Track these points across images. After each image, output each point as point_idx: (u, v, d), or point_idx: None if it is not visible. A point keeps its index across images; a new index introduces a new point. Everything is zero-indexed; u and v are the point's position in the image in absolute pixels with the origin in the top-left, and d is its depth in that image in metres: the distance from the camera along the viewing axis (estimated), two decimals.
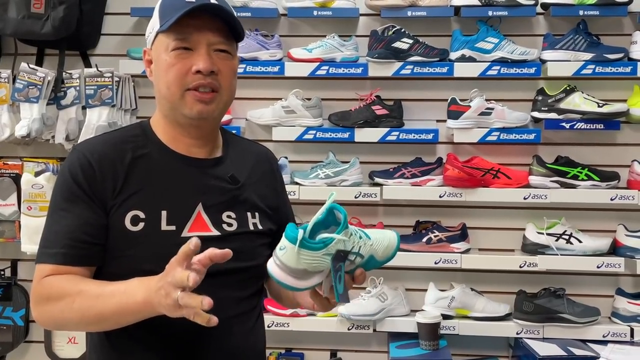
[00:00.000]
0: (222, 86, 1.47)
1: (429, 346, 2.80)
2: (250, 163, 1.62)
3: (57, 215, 1.43)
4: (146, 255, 1.41)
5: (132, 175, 1.44)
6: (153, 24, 1.49)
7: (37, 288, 1.40)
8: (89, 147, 1.47)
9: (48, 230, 1.43)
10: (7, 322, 3.12)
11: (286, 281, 1.30)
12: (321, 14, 2.98)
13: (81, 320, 1.37)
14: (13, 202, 3.02)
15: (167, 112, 1.49)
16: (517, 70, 2.92)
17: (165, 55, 1.44)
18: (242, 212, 1.53)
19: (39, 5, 2.90)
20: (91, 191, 1.42)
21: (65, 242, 1.40)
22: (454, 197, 2.91)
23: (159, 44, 1.47)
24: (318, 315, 2.94)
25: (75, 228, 1.40)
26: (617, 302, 2.93)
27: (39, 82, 2.92)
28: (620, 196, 2.86)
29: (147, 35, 1.52)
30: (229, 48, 1.48)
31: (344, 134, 2.97)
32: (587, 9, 2.88)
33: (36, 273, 1.42)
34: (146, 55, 1.53)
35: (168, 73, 1.44)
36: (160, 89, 1.47)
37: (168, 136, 1.51)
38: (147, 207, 1.43)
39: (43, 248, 1.42)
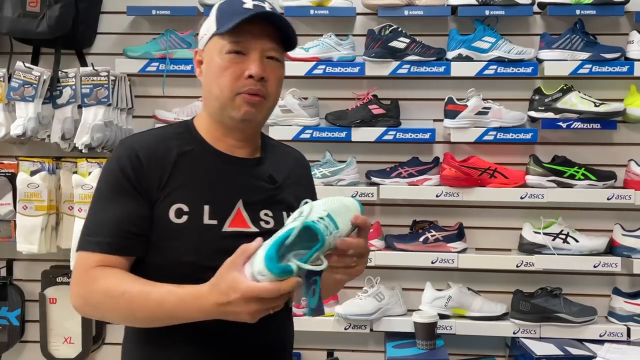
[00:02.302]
0: (269, 93, 1.52)
1: (426, 346, 2.80)
2: (288, 166, 1.68)
3: (102, 204, 1.46)
4: (188, 247, 1.45)
5: (177, 170, 1.49)
6: (208, 26, 1.54)
7: (82, 278, 1.43)
8: (137, 141, 1.52)
9: (93, 219, 1.46)
10: (3, 322, 3.11)
11: None
12: (318, 13, 2.98)
13: (124, 320, 1.46)
14: (8, 201, 3.01)
15: (214, 112, 1.53)
16: (514, 70, 2.92)
17: (218, 57, 1.49)
18: (279, 211, 1.57)
19: (34, 3, 2.89)
20: (138, 184, 1.46)
21: (112, 232, 1.43)
22: (450, 197, 2.91)
23: (213, 46, 1.51)
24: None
25: (122, 218, 1.44)
26: (613, 301, 2.93)
27: (35, 81, 2.90)
28: (617, 196, 2.86)
29: (201, 36, 1.56)
30: (279, 56, 1.55)
31: (341, 133, 2.97)
32: (584, 9, 2.88)
33: (79, 260, 1.45)
34: (197, 55, 1.58)
35: (221, 75, 1.49)
36: (211, 90, 1.51)
37: (212, 135, 1.56)
38: (191, 201, 1.47)
39: (87, 236, 1.45)
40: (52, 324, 3.07)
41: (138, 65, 3.03)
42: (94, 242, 1.43)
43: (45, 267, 3.11)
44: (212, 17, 1.54)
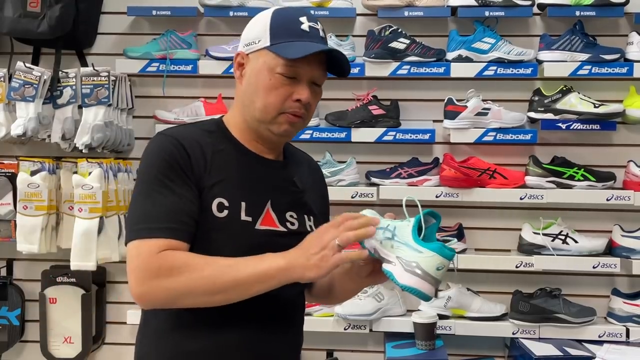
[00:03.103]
0: (308, 115, 1.59)
1: (425, 346, 2.80)
2: (307, 170, 1.75)
3: (157, 192, 1.45)
4: (227, 241, 1.49)
5: (214, 165, 1.52)
6: (258, 34, 1.55)
7: (152, 261, 1.40)
8: (178, 133, 1.54)
9: (150, 207, 1.45)
10: (3, 321, 3.11)
11: (425, 289, 1.34)
12: (318, 13, 2.97)
13: (210, 288, 1.40)
14: (9, 201, 3.01)
15: (252, 121, 1.57)
16: (514, 71, 2.92)
17: (269, 74, 1.52)
18: (302, 214, 1.62)
19: (35, 4, 2.90)
20: (190, 172, 1.48)
21: (176, 218, 1.44)
22: (450, 197, 2.91)
23: (264, 59, 1.53)
24: (314, 315, 2.94)
25: (183, 205, 1.45)
26: (612, 302, 2.93)
27: (35, 81, 2.91)
28: (616, 196, 2.86)
29: (249, 41, 1.57)
30: (323, 82, 1.61)
31: (341, 133, 2.97)
32: (584, 10, 2.88)
33: (142, 248, 1.41)
34: (239, 57, 1.59)
35: (269, 93, 1.52)
36: (253, 101, 1.55)
37: (244, 137, 1.60)
38: (230, 197, 1.51)
39: (147, 223, 1.43)
40: (52, 323, 3.08)
41: (138, 65, 3.03)
42: (161, 229, 1.42)
43: (45, 267, 3.12)
44: (265, 25, 1.55)
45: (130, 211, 1.50)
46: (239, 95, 1.60)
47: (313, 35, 1.55)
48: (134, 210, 1.48)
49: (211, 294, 1.41)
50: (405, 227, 1.39)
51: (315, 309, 2.94)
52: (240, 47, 1.60)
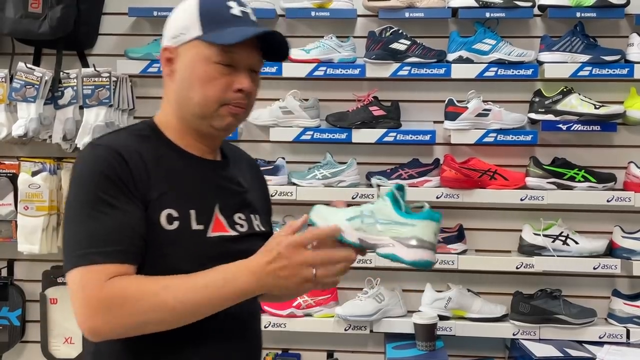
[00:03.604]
0: (250, 105, 1.52)
1: (426, 347, 2.80)
2: (246, 168, 1.68)
3: (99, 211, 1.32)
4: (181, 255, 1.39)
5: (157, 174, 1.41)
6: (186, 25, 1.45)
7: (101, 292, 1.27)
8: (115, 142, 1.42)
9: (92, 228, 1.31)
10: (4, 322, 3.11)
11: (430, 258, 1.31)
12: (319, 14, 2.98)
13: (170, 316, 1.30)
14: (10, 201, 3.01)
15: (191, 118, 1.47)
16: (514, 72, 2.92)
17: (204, 65, 1.42)
18: (249, 213, 1.55)
19: (36, 4, 2.90)
20: (133, 186, 1.36)
21: (122, 239, 1.32)
22: (451, 198, 2.91)
23: (196, 50, 1.43)
24: (315, 316, 2.95)
25: (128, 224, 1.33)
26: (613, 303, 2.93)
27: (36, 82, 2.91)
28: (617, 198, 2.86)
29: (175, 33, 1.47)
30: (260, 68, 1.54)
31: (342, 134, 2.97)
32: (584, 11, 2.88)
33: (87, 276, 1.28)
34: (167, 52, 1.47)
35: (207, 85, 1.43)
36: (190, 97, 1.44)
37: (181, 139, 1.50)
38: (179, 206, 1.41)
39: (91, 247, 1.30)
40: (52, 324, 3.08)
41: (139, 66, 3.03)
42: (104, 253, 1.30)
43: (46, 267, 3.12)
44: (193, 14, 1.45)
45: (68, 235, 1.34)
46: (170, 94, 1.49)
47: (245, 19, 1.47)
48: (74, 233, 1.33)
49: (174, 321, 1.32)
50: (383, 207, 1.34)
51: (315, 309, 2.94)
52: (165, 41, 1.48)
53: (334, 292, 2.98)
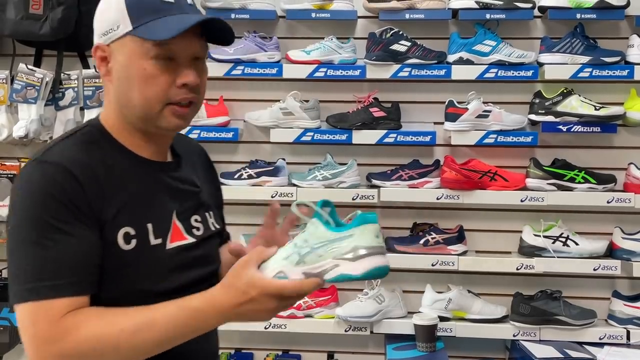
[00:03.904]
0: (200, 98, 1.39)
1: (426, 348, 2.81)
2: (197, 160, 1.58)
3: (48, 239, 1.20)
4: (141, 274, 1.30)
5: (111, 188, 1.29)
6: (115, 19, 1.31)
7: (54, 332, 1.17)
8: (63, 157, 1.27)
9: (42, 258, 1.20)
10: (4, 322, 3.11)
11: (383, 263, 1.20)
12: (319, 16, 2.99)
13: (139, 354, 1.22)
14: None
15: (134, 120, 1.35)
16: (515, 73, 2.92)
17: (142, 61, 1.30)
18: (203, 212, 1.48)
19: (37, 6, 2.90)
20: (87, 207, 1.25)
21: (76, 269, 1.22)
22: (451, 199, 2.91)
23: (130, 46, 1.30)
24: (315, 317, 2.95)
25: (81, 251, 1.23)
26: (613, 304, 2.93)
27: (37, 83, 2.92)
28: (617, 199, 2.86)
29: (106, 29, 1.33)
30: (206, 54, 1.40)
31: (342, 135, 2.97)
32: (585, 12, 2.89)
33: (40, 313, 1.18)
34: (99, 51, 1.34)
35: (147, 84, 1.30)
36: (130, 98, 1.32)
37: (130, 141, 1.38)
38: (135, 222, 1.31)
39: (42, 280, 1.19)
40: None
41: None
42: (57, 286, 1.19)
43: None
44: (120, 7, 1.31)
45: (14, 264, 1.22)
46: (110, 95, 1.37)
47: (179, 4, 1.32)
48: (20, 263, 1.21)
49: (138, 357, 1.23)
50: (314, 230, 1.21)
51: (315, 310, 2.94)
52: (96, 39, 1.35)
53: (335, 293, 2.98)
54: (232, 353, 3.11)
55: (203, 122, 2.99)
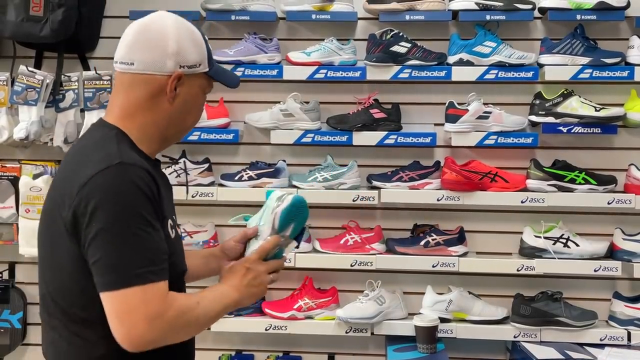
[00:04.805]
0: None
1: (427, 349, 2.80)
2: None
3: (145, 232, 1.41)
4: (180, 258, 1.59)
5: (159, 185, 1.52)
6: (199, 60, 1.58)
7: (165, 308, 1.40)
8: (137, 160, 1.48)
9: (143, 249, 1.40)
10: (5, 324, 3.12)
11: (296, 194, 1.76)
12: (319, 17, 2.99)
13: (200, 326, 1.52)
14: (11, 204, 3.02)
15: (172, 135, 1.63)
16: (515, 74, 2.93)
17: (202, 95, 1.63)
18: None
19: (37, 8, 2.91)
20: (158, 204, 1.47)
21: (163, 257, 1.44)
22: (451, 201, 2.91)
23: (199, 82, 1.60)
24: (316, 319, 2.95)
25: (163, 242, 1.46)
26: (614, 305, 2.93)
27: (38, 85, 2.92)
28: (618, 200, 2.86)
29: (191, 64, 1.56)
30: None
31: (342, 137, 2.98)
32: (585, 14, 2.89)
33: (150, 293, 1.39)
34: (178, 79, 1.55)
35: (199, 112, 1.65)
36: (185, 119, 1.61)
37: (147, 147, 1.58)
38: (170, 214, 1.57)
39: (147, 267, 1.39)
40: None
41: None
42: (156, 272, 1.41)
43: None
44: (202, 49, 1.59)
45: (114, 254, 1.38)
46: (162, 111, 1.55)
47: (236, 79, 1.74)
48: (120, 254, 1.38)
49: (199, 330, 1.54)
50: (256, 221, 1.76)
51: (316, 312, 2.94)
52: (172, 64, 1.53)
53: (335, 295, 2.98)
54: (232, 355, 3.11)
55: (203, 123, 2.99)
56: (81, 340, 1.47)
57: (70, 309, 1.47)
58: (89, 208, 1.39)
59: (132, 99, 1.55)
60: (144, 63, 1.53)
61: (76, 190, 1.41)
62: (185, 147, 3.04)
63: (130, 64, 1.54)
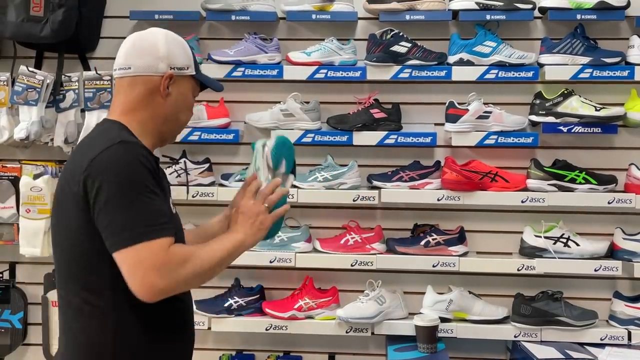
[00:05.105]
0: None
1: (427, 349, 2.81)
2: None
3: (147, 198, 1.59)
4: (180, 233, 1.77)
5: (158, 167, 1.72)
6: (187, 63, 1.79)
7: (168, 258, 1.58)
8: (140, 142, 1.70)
9: (146, 211, 1.58)
10: (5, 324, 3.12)
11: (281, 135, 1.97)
12: (320, 17, 2.99)
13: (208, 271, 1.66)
14: (12, 204, 3.02)
15: (168, 133, 1.82)
16: (515, 74, 2.93)
17: (190, 97, 1.83)
18: None
19: (38, 8, 2.91)
20: (160, 181, 1.68)
21: (167, 218, 1.63)
22: (452, 201, 2.91)
23: (189, 84, 1.81)
24: (316, 318, 2.95)
25: (166, 207, 1.67)
26: (614, 305, 2.93)
27: (38, 85, 2.92)
28: (618, 199, 2.86)
29: (180, 66, 1.77)
30: None
31: (343, 137, 2.98)
32: (585, 13, 2.89)
33: (155, 247, 1.56)
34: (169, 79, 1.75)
35: (189, 112, 1.84)
36: (179, 118, 1.81)
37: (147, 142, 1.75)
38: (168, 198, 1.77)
39: (149, 226, 1.57)
40: (54, 326, 3.07)
41: None
42: (161, 229, 1.59)
43: (48, 270, 3.12)
44: (189, 53, 1.81)
45: (122, 217, 1.56)
46: (158, 108, 1.75)
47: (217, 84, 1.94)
48: (126, 216, 1.57)
49: (208, 275, 1.67)
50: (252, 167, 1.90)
51: (316, 312, 2.94)
52: (164, 66, 1.74)
53: (336, 295, 2.98)
54: (233, 355, 3.11)
55: (204, 123, 2.99)
56: (95, 310, 1.63)
57: (86, 278, 1.63)
58: (96, 181, 1.57)
59: (131, 98, 1.75)
60: (140, 66, 1.74)
61: (85, 166, 1.58)
62: (185, 147, 3.04)
63: (128, 68, 1.74)
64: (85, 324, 1.64)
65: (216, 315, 2.94)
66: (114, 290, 1.61)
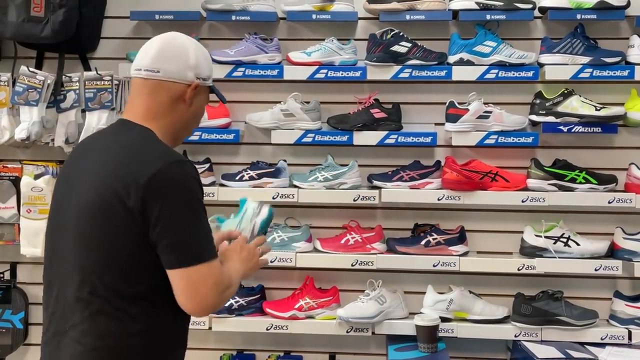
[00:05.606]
0: None
1: (428, 349, 2.81)
2: None
3: (204, 218, 1.71)
4: None
5: None
6: (209, 74, 1.87)
7: (223, 277, 1.71)
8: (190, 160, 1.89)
9: (206, 232, 1.70)
10: (6, 324, 3.12)
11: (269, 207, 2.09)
12: (320, 17, 2.99)
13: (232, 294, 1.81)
14: (12, 204, 3.02)
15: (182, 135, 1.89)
16: (515, 74, 2.93)
17: (204, 105, 1.91)
18: None
19: (38, 8, 2.91)
20: None
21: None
22: (452, 200, 2.92)
23: (206, 94, 1.89)
24: (317, 318, 2.95)
25: None
26: (615, 304, 2.93)
27: (39, 85, 2.92)
28: (618, 199, 2.87)
29: (204, 76, 1.84)
30: None
31: (343, 137, 2.98)
32: (585, 13, 2.89)
33: (214, 267, 1.68)
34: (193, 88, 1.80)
35: (201, 118, 1.93)
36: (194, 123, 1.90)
37: None
38: None
39: (210, 246, 1.70)
40: None
41: None
42: (214, 249, 1.73)
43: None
44: (210, 65, 1.89)
45: (186, 236, 1.65)
46: (180, 114, 1.81)
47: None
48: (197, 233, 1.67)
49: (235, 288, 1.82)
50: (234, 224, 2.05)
51: (317, 312, 2.95)
52: (192, 75, 1.80)
53: (336, 294, 2.98)
54: (234, 355, 3.11)
55: (204, 123, 2.99)
56: (124, 315, 1.65)
57: (119, 286, 1.65)
58: (159, 199, 1.62)
59: (156, 102, 1.78)
60: (170, 72, 1.77)
61: (142, 182, 1.62)
62: (186, 147, 3.04)
63: (157, 71, 1.77)
64: (113, 329, 1.66)
65: (217, 315, 2.94)
66: (150, 300, 1.67)
